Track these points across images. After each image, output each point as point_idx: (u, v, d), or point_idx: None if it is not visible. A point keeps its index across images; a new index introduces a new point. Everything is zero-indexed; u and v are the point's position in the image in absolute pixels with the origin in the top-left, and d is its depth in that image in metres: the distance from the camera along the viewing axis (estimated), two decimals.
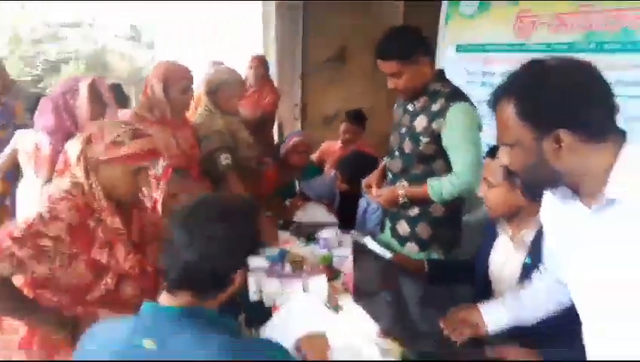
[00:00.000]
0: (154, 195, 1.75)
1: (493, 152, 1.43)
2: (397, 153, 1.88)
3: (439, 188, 1.74)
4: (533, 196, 1.30)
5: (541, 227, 1.18)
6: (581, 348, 0.98)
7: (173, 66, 2.12)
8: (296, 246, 2.05)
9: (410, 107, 1.82)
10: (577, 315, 0.98)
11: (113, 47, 10.29)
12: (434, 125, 1.72)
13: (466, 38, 2.52)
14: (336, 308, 1.52)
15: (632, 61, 1.84)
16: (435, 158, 1.79)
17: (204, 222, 0.89)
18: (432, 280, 1.69)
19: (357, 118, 2.94)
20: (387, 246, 1.98)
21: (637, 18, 1.85)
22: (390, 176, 1.95)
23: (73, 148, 1.28)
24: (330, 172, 2.86)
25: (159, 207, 1.76)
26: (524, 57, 1.91)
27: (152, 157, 1.33)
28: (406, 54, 1.65)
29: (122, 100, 3.26)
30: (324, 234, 2.04)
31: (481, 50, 2.42)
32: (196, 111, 2.46)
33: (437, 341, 1.25)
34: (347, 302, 1.55)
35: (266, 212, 2.44)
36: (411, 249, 1.92)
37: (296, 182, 2.72)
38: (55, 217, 1.20)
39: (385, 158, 2.03)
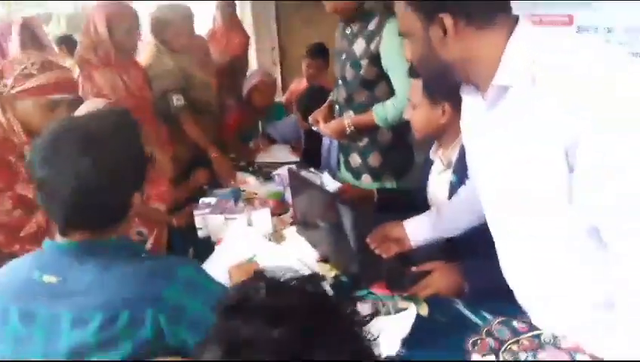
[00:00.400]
0: None
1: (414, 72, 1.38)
2: (340, 82, 1.86)
3: (384, 113, 1.73)
4: (433, 94, 1.30)
5: None
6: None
7: (116, 6, 2.03)
8: (253, 186, 2.04)
9: (347, 31, 1.77)
10: None
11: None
12: (372, 46, 1.69)
13: None
14: (279, 239, 1.53)
15: None
16: (377, 83, 1.77)
17: (69, 156, 0.77)
18: (381, 208, 1.70)
19: (318, 52, 2.83)
20: (344, 181, 1.98)
21: None
22: (337, 108, 1.92)
23: None
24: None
25: None
26: None
27: (66, 90, 1.29)
28: None
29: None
30: (280, 171, 2.02)
31: None
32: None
33: (367, 260, 1.27)
34: (292, 233, 1.56)
35: (228, 154, 2.43)
36: (366, 180, 1.93)
37: (260, 124, 2.67)
38: None
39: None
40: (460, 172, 1.27)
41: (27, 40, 1.92)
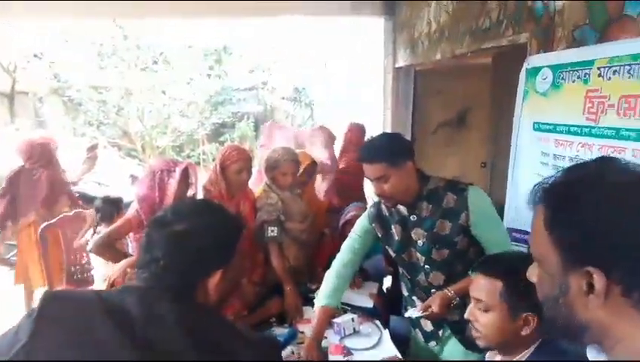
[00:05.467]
0: None
1: (486, 266, 1.29)
2: (427, 267, 1.76)
3: None
4: (517, 302, 1.14)
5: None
6: None
7: (231, 149, 2.46)
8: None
9: (412, 218, 1.73)
10: None
11: (279, 107, 12.05)
12: (461, 221, 1.65)
13: (541, 117, 2.26)
14: None
15: None
16: (469, 248, 1.72)
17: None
18: None
19: None
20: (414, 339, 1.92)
21: None
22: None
23: None
24: None
25: None
26: (594, 142, 1.77)
27: None
28: (394, 158, 1.62)
29: None
30: (339, 319, 2.02)
31: (554, 130, 2.17)
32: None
33: None
34: None
35: (313, 284, 2.53)
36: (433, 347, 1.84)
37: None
38: None
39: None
40: None
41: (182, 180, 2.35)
